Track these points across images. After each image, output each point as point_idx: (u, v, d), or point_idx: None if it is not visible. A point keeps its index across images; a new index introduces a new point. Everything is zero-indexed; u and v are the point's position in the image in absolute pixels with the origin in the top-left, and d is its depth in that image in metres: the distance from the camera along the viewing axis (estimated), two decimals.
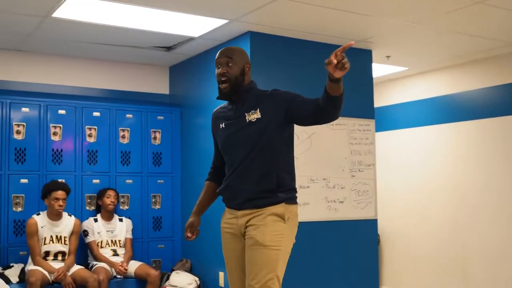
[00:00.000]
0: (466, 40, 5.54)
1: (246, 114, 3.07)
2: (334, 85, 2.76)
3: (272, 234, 2.96)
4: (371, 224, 5.78)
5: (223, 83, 3.07)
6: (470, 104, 6.39)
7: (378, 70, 6.64)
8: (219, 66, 3.10)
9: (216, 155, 3.31)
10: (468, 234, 6.31)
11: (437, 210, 6.68)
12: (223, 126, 3.15)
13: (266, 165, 3.00)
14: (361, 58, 5.84)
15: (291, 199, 3.09)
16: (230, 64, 3.08)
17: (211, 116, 3.32)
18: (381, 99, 7.30)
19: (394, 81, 7.41)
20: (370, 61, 5.92)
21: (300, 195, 5.25)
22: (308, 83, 5.49)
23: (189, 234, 3.27)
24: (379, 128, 6.82)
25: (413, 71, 7.00)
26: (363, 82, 5.85)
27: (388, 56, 6.17)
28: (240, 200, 3.05)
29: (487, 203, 6.12)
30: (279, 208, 3.00)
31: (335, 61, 2.58)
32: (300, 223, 5.05)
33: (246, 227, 3.03)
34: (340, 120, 5.56)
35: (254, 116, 3.04)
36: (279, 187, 3.02)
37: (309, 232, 5.33)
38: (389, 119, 7.34)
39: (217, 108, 3.32)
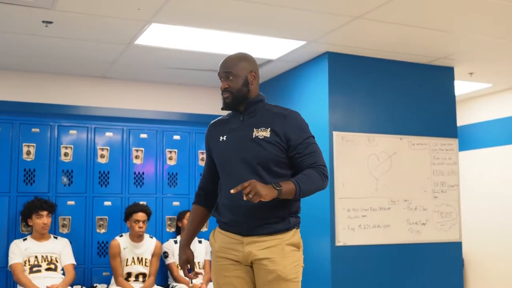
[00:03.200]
0: None
1: (254, 129, 2.86)
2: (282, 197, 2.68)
3: (292, 266, 2.79)
4: (455, 247, 5.56)
5: (225, 94, 2.94)
6: None
7: (461, 87, 6.44)
8: (220, 79, 2.99)
9: (208, 175, 3.07)
10: None
11: None
12: (224, 139, 2.92)
13: None
14: (442, 76, 5.69)
15: (299, 224, 2.90)
16: (230, 78, 2.92)
17: (207, 129, 3.11)
18: (464, 117, 7.08)
19: (478, 98, 7.17)
20: (452, 78, 5.75)
21: (381, 217, 5.20)
22: (388, 103, 5.40)
23: (191, 274, 3.02)
24: (463, 147, 6.60)
25: (498, 88, 6.76)
26: (445, 100, 5.69)
27: (471, 73, 5.98)
28: (247, 225, 2.81)
29: None
30: (295, 236, 2.84)
31: (245, 198, 2.57)
32: (380, 246, 4.96)
33: (260, 259, 2.78)
34: (422, 139, 5.43)
35: (262, 133, 2.84)
36: (291, 212, 2.84)
37: (390, 256, 5.20)
38: (473, 137, 7.10)
39: (214, 120, 3.12)
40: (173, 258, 5.64)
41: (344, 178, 5.07)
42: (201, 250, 5.79)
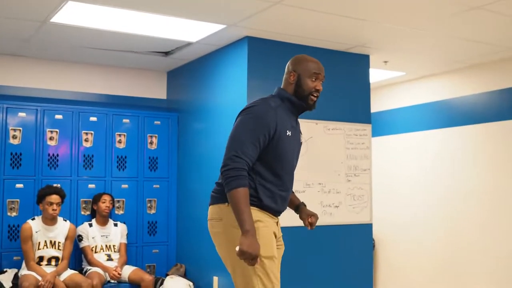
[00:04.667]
0: (465, 46, 5.53)
1: (300, 133, 3.16)
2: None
3: None
4: (366, 229, 5.76)
5: (317, 97, 3.08)
6: (468, 109, 6.38)
7: (376, 75, 6.64)
8: (317, 79, 3.05)
9: (255, 156, 2.86)
10: (464, 239, 6.29)
11: (433, 215, 6.66)
12: (289, 135, 2.97)
13: None
14: (358, 63, 5.83)
15: None
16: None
17: (270, 111, 2.89)
18: (378, 104, 7.30)
19: (391, 86, 7.41)
20: (367, 66, 5.91)
21: None
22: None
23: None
24: (376, 133, 6.81)
25: (410, 76, 7.00)
26: (360, 87, 5.84)
27: (385, 61, 6.17)
28: (285, 207, 3.12)
29: (483, 208, 6.11)
30: None
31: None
32: (294, 227, 5.08)
33: (279, 235, 3.12)
34: (337, 124, 5.56)
35: (302, 139, 3.21)
36: None
37: (304, 237, 5.31)
38: (385, 124, 7.34)
39: (274, 104, 2.96)
40: (88, 242, 5.56)
41: None
42: (116, 233, 5.73)
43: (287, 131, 2.95)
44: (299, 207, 3.28)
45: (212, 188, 3.10)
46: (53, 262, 5.25)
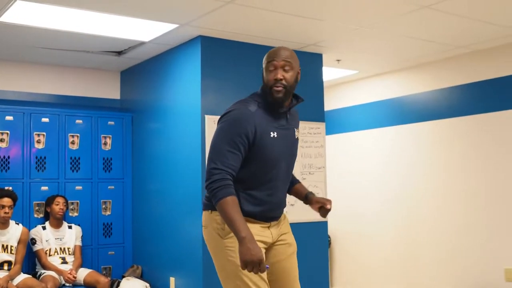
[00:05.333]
0: (415, 44, 5.64)
1: (295, 129, 2.97)
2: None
3: None
4: (322, 226, 5.82)
5: (279, 87, 2.76)
6: (420, 107, 6.50)
7: (329, 73, 6.70)
8: (275, 68, 2.77)
9: (238, 163, 2.72)
10: (420, 236, 6.42)
11: (388, 211, 6.77)
12: (275, 136, 2.80)
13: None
14: (311, 62, 5.88)
15: None
16: (287, 69, 2.78)
17: (247, 116, 2.74)
18: (331, 102, 7.37)
19: (344, 84, 7.49)
20: (320, 64, 5.97)
21: None
22: (258, 88, 5.50)
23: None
24: (330, 131, 6.88)
25: (363, 75, 7.09)
26: (314, 86, 5.89)
27: (338, 60, 6.24)
28: (277, 212, 2.96)
29: (435, 203, 6.24)
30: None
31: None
32: None
33: (283, 233, 3.01)
34: None
35: (297, 134, 3.00)
36: None
37: None
38: (339, 122, 7.42)
39: (250, 107, 2.79)
40: (41, 245, 5.47)
41: None
42: (71, 235, 5.65)
43: (271, 132, 2.78)
44: (307, 197, 3.18)
45: (168, 187, 3.06)
46: (5, 267, 5.15)
